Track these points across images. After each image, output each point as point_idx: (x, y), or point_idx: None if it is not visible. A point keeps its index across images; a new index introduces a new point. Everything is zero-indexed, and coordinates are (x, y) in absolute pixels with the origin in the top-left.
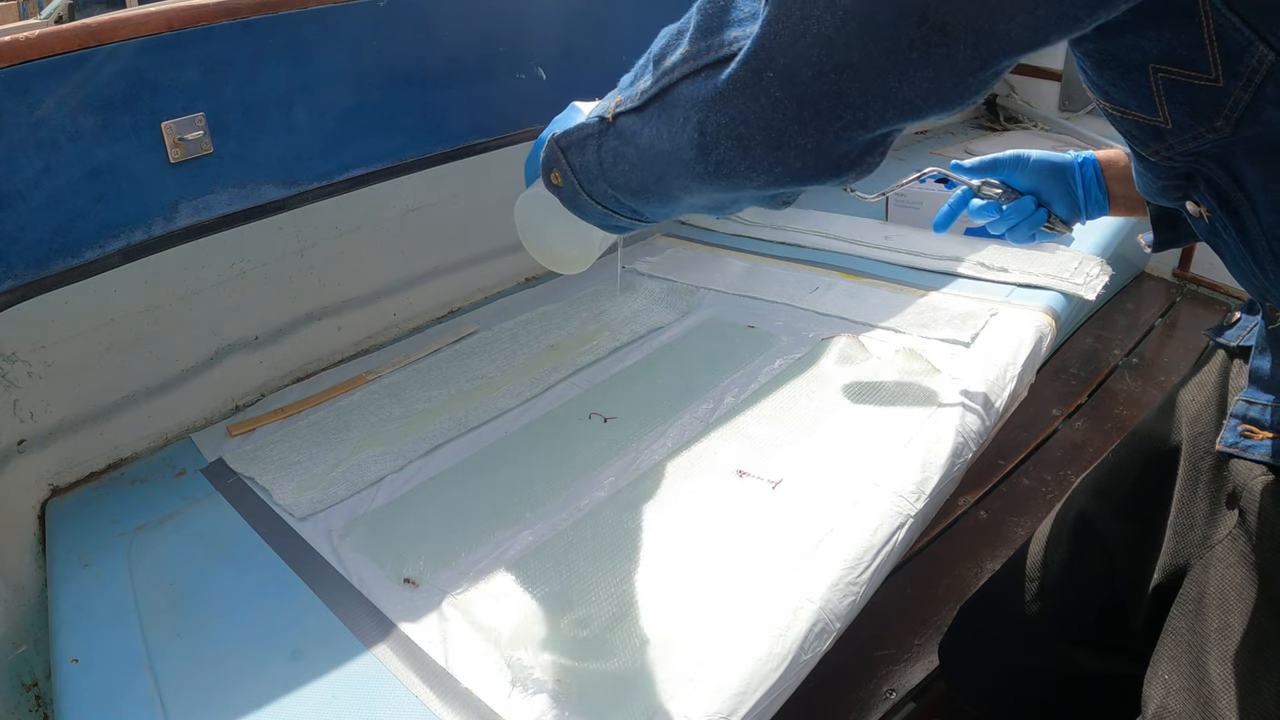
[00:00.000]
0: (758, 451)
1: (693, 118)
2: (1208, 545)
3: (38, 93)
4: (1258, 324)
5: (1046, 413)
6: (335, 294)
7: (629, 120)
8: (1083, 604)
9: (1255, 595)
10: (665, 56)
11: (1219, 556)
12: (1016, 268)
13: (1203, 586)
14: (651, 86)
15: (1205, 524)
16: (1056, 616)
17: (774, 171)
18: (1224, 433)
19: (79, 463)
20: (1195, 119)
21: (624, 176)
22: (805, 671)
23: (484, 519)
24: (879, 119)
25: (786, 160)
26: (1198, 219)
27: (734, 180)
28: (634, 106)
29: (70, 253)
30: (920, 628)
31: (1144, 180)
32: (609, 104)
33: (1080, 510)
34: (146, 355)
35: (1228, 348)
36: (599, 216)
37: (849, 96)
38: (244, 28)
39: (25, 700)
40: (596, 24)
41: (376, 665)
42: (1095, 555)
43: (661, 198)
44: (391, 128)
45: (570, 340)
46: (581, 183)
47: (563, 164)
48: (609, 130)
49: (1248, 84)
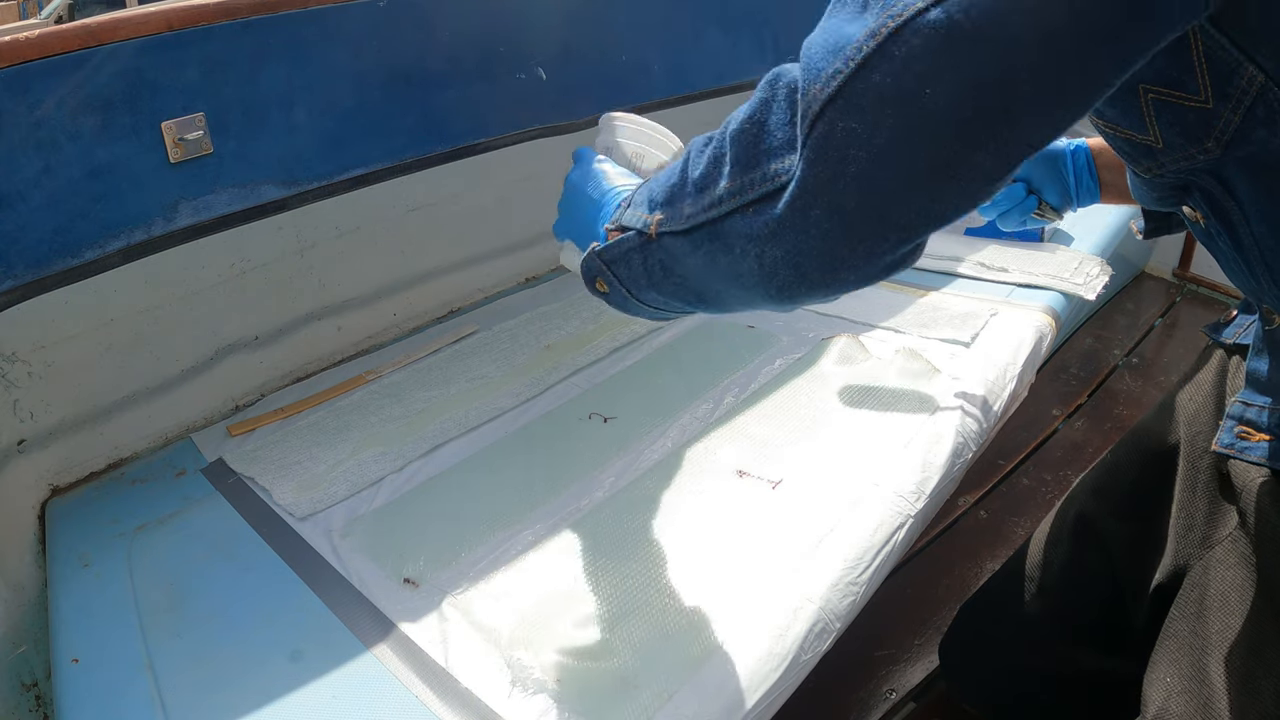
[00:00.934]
0: (758, 451)
1: (750, 251)
2: (1208, 545)
3: (38, 93)
4: (1254, 323)
5: (1046, 413)
6: (335, 294)
7: (675, 242)
8: (1083, 604)
9: (1255, 596)
10: (707, 187)
11: (1219, 558)
12: (1016, 268)
13: (1203, 588)
14: (699, 215)
15: (1205, 524)
16: (1056, 616)
17: (832, 288)
18: (1220, 434)
19: (79, 463)
20: (1185, 139)
21: (676, 289)
22: (805, 671)
23: (484, 519)
24: (923, 230)
25: (842, 278)
26: (1194, 222)
27: (796, 299)
28: (680, 230)
29: (70, 253)
30: (920, 628)
31: (1140, 189)
32: (646, 217)
33: (1080, 510)
34: (146, 355)
35: (1225, 345)
36: (652, 315)
37: (893, 218)
38: (244, 28)
39: (25, 700)
40: (596, 24)
41: (376, 665)
42: (1095, 555)
43: (720, 305)
44: (391, 128)
45: (570, 340)
46: (630, 291)
47: (608, 275)
48: (653, 246)
49: (1237, 105)
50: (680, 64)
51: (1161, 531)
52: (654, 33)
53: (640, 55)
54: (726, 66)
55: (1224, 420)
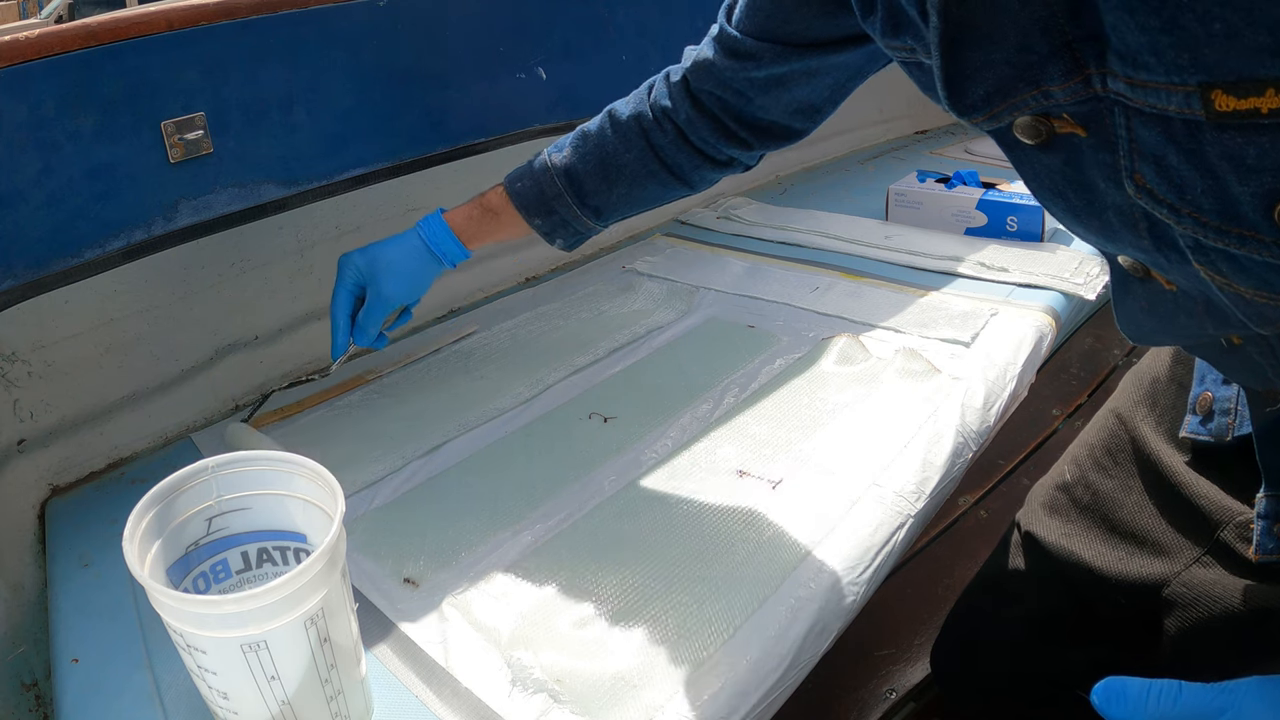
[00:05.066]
0: (758, 451)
1: None
2: (1191, 546)
3: (38, 93)
4: (1240, 408)
5: (1046, 413)
6: None
7: None
8: (1056, 604)
9: (1239, 601)
10: None
11: (1205, 563)
12: (1016, 268)
13: (1192, 589)
14: None
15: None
16: (1031, 620)
17: None
18: (1259, 537)
19: (79, 463)
20: None
21: None
22: (805, 671)
23: (484, 519)
24: None
25: None
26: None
27: None
28: None
29: (70, 252)
30: (920, 628)
31: (1163, 332)
32: None
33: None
34: (146, 355)
35: (1224, 444)
36: None
37: None
38: (244, 28)
39: (25, 700)
40: (596, 24)
41: (376, 665)
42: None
43: None
44: (391, 128)
45: (570, 340)
46: None
47: None
48: None
49: None
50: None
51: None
52: (654, 33)
53: (640, 55)
54: None
55: (1256, 523)
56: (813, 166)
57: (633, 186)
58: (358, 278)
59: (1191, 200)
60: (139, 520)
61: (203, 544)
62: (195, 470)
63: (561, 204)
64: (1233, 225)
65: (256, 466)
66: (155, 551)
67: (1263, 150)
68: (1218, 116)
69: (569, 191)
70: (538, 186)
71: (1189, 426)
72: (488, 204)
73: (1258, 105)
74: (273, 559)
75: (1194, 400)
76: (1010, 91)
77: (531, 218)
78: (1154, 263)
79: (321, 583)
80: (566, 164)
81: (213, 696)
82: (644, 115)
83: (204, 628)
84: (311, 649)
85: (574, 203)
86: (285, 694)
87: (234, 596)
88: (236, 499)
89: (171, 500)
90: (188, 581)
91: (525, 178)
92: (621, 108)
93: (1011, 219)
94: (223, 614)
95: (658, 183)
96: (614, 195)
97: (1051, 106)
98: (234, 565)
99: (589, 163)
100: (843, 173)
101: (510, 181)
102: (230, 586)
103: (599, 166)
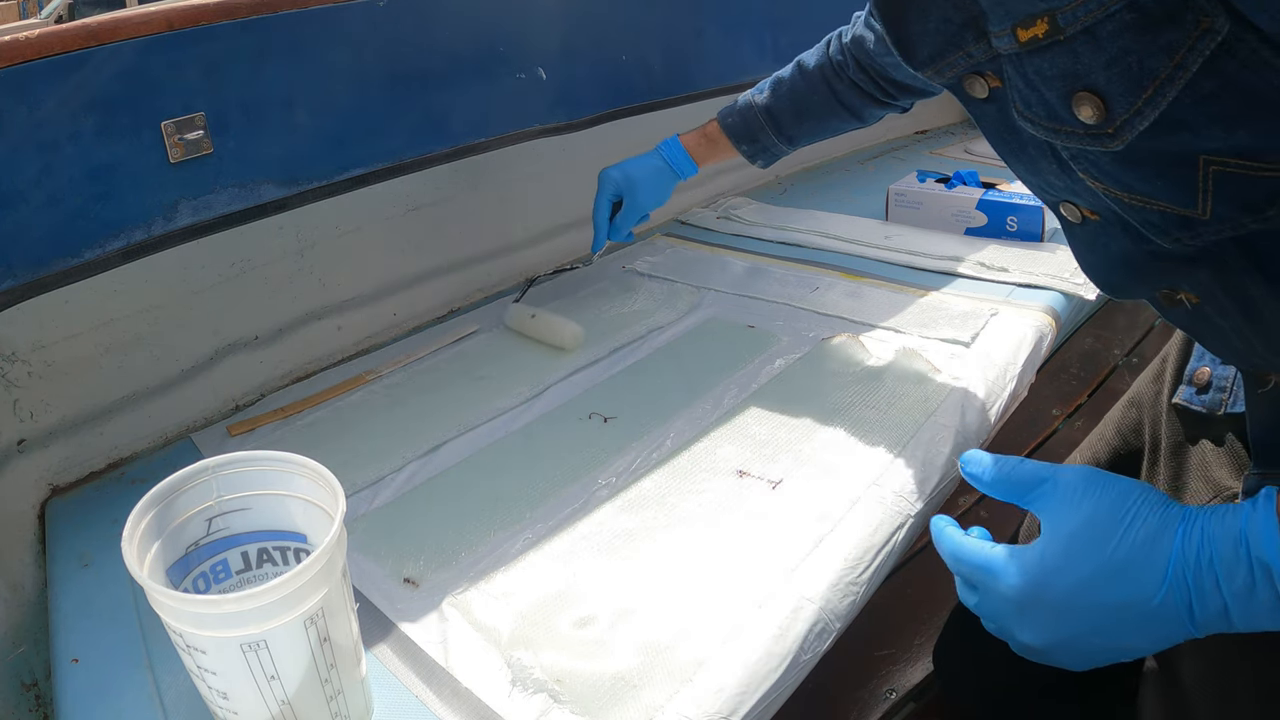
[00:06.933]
0: (758, 451)
1: None
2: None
3: (38, 93)
4: (1236, 387)
5: (1046, 413)
6: (335, 294)
7: None
8: None
9: None
10: None
11: None
12: (1016, 268)
13: None
14: None
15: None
16: None
17: None
18: None
19: (79, 463)
20: (1242, 210)
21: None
22: (805, 671)
23: (484, 519)
24: None
25: None
26: (1173, 306)
27: None
28: None
29: (70, 252)
30: (920, 628)
31: (1114, 270)
32: None
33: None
34: (146, 355)
35: (1216, 416)
36: None
37: None
38: (244, 28)
39: (25, 700)
40: (596, 24)
41: (376, 665)
42: None
43: None
44: (391, 128)
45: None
46: None
47: None
48: None
49: None
50: (681, 64)
51: None
52: (654, 32)
53: (640, 55)
54: (727, 66)
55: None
56: (813, 166)
57: (818, 121)
58: (615, 189)
59: (1037, 111)
60: (139, 520)
61: (203, 544)
62: (195, 470)
63: (764, 134)
64: (1059, 124)
65: (257, 466)
66: (155, 552)
67: (1051, 62)
68: (1022, 46)
69: (769, 125)
70: (744, 121)
71: (1183, 395)
72: (708, 133)
73: (1036, 34)
74: (273, 559)
75: (1190, 373)
76: (945, 53)
77: (740, 144)
78: (1070, 189)
79: (321, 582)
80: (766, 103)
81: (213, 696)
82: (825, 65)
83: (204, 628)
84: (311, 649)
85: (773, 133)
86: (285, 694)
87: (234, 596)
88: (236, 499)
89: (171, 500)
90: (188, 582)
91: (734, 114)
92: (808, 59)
93: (1011, 219)
94: (222, 614)
95: (837, 118)
96: (804, 128)
97: (976, 65)
98: (234, 565)
99: (783, 102)
100: (843, 173)
101: (722, 117)
102: (230, 586)
103: (791, 105)
